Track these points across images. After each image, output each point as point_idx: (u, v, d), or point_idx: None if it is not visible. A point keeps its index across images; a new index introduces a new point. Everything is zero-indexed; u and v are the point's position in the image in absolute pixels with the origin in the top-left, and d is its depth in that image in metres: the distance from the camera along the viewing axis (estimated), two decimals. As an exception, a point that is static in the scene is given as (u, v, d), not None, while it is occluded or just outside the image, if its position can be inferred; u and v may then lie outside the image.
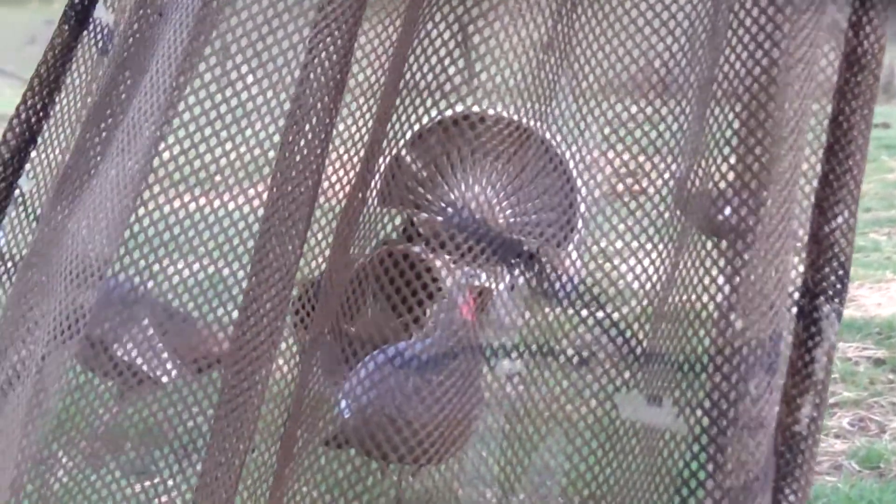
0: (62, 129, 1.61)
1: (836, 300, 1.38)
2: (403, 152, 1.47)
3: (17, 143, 1.61)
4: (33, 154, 1.62)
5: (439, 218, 1.47)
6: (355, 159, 1.56)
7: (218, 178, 1.45)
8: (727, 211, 1.27)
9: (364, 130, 1.56)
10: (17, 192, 1.63)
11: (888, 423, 3.34)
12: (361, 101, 1.57)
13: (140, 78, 1.46)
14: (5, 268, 1.62)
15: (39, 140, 1.62)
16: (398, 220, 1.47)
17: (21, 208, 1.63)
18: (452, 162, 1.47)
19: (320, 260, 1.57)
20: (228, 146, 1.42)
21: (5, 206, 1.62)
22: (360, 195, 1.47)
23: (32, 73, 1.62)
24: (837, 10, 1.35)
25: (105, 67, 1.54)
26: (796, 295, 1.36)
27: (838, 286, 1.38)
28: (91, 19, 1.59)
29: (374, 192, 1.46)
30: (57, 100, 1.61)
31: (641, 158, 1.48)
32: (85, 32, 1.60)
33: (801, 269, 1.38)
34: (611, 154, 1.50)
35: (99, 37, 1.59)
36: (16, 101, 1.64)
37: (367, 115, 1.56)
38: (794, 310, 1.36)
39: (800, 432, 1.35)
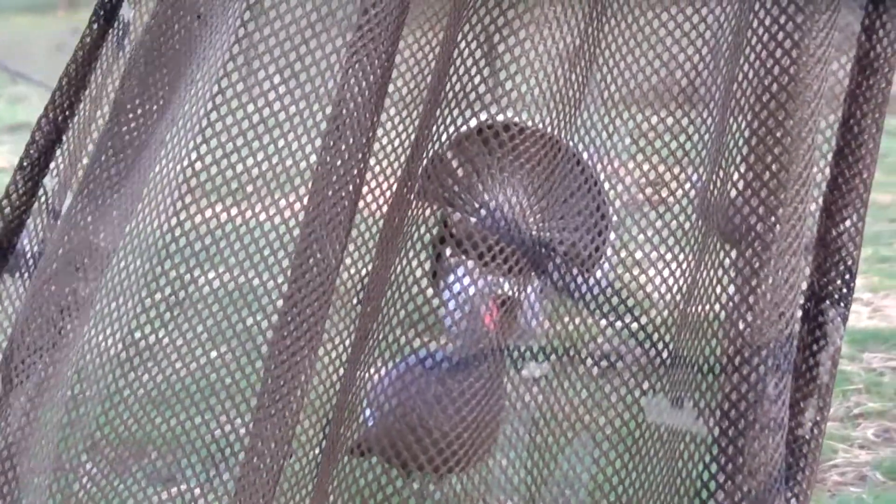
0: (85, 128, 1.62)
1: (842, 304, 1.39)
2: (445, 153, 1.48)
3: (45, 143, 1.62)
4: (58, 153, 1.63)
5: (472, 219, 1.47)
6: (397, 170, 1.57)
7: (251, 189, 1.47)
8: (737, 220, 1.28)
9: (406, 141, 1.57)
10: (41, 190, 1.63)
11: (914, 434, 3.34)
12: (404, 113, 1.58)
13: (177, 82, 1.47)
14: (27, 266, 1.63)
15: (64, 138, 1.63)
16: (432, 221, 1.48)
17: (44, 207, 1.64)
18: (490, 168, 1.48)
19: (360, 267, 1.59)
20: (261, 157, 1.44)
21: (31, 206, 1.63)
22: (401, 204, 1.49)
23: (62, 72, 1.62)
24: (851, 12, 1.36)
25: (127, 64, 1.54)
26: (801, 299, 1.37)
27: (844, 290, 1.39)
28: (117, 17, 1.60)
29: (414, 191, 1.48)
30: (82, 97, 1.62)
31: (662, 168, 1.50)
32: (110, 30, 1.60)
33: (808, 272, 1.38)
34: (635, 163, 1.51)
35: (121, 33, 1.60)
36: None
37: (410, 128, 1.58)
38: (800, 313, 1.37)
39: (803, 436, 1.36)
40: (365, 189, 1.54)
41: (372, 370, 1.48)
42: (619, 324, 1.48)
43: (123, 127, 1.49)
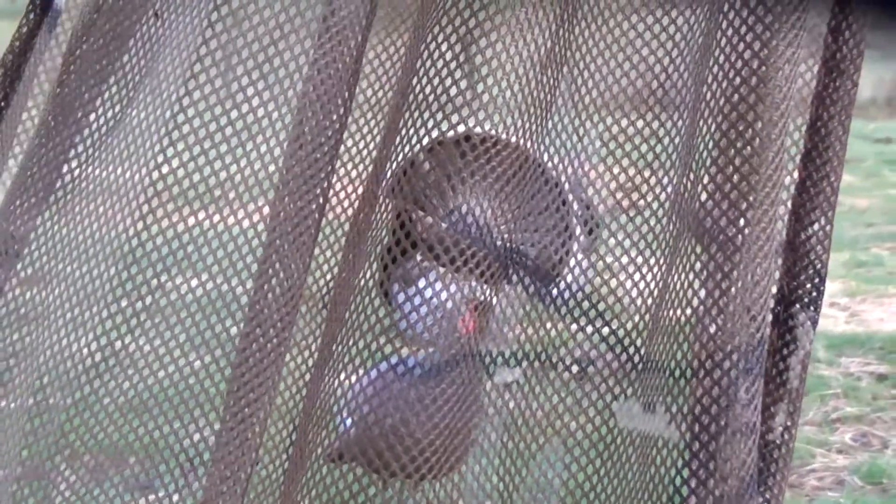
0: (16, 118, 1.60)
1: (812, 308, 1.39)
2: (418, 156, 1.47)
3: None
4: None
5: (443, 223, 1.47)
6: (363, 175, 1.57)
7: (218, 193, 1.45)
8: (707, 223, 1.28)
9: (371, 146, 1.56)
10: None
11: (891, 439, 3.35)
12: (369, 116, 1.57)
13: (135, 83, 1.46)
14: None
15: None
16: (399, 227, 1.47)
17: None
18: (463, 176, 1.47)
19: (326, 271, 1.58)
20: (229, 160, 1.43)
21: None
22: (368, 209, 1.48)
23: None
24: (818, 14, 1.36)
25: (68, 58, 1.52)
26: (771, 302, 1.37)
27: (814, 294, 1.39)
28: (53, 4, 1.58)
29: (382, 195, 1.47)
30: (16, 87, 1.60)
31: (633, 172, 1.49)
32: (45, 19, 1.59)
33: (777, 276, 1.39)
34: (607, 168, 1.51)
35: (53, 21, 1.58)
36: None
37: (375, 131, 1.57)
38: (770, 317, 1.37)
39: (773, 441, 1.36)
40: (331, 193, 1.53)
41: (342, 376, 1.47)
42: (590, 329, 1.47)
43: (74, 127, 1.47)
